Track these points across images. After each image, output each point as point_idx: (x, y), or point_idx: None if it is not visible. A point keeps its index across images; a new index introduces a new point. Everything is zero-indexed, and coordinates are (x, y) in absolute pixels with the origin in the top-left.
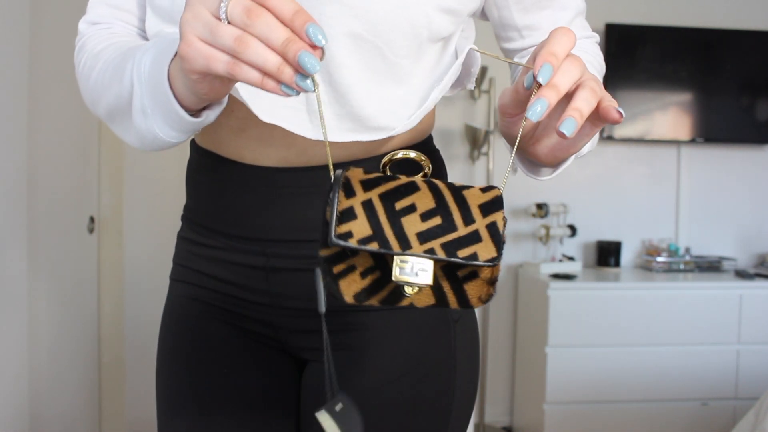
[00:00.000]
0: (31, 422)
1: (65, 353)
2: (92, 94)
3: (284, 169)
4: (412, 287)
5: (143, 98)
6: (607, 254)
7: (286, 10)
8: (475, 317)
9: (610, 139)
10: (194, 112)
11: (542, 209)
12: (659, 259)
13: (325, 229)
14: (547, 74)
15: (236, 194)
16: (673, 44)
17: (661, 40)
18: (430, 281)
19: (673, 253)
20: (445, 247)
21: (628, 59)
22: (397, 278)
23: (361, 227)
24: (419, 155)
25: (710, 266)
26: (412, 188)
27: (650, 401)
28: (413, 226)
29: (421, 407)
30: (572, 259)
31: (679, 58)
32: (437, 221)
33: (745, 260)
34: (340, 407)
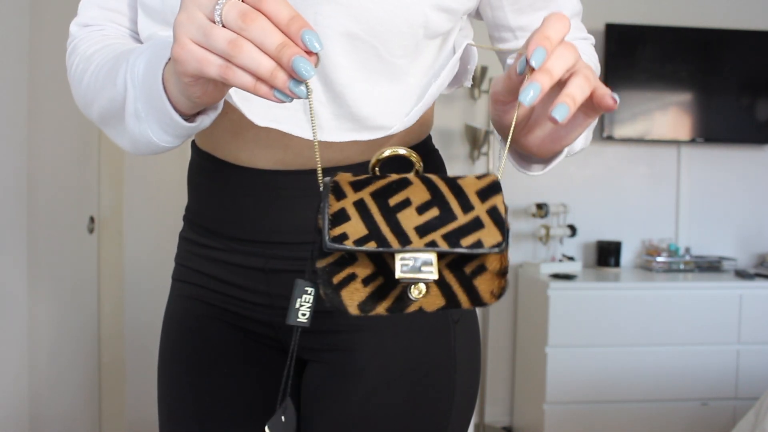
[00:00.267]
0: (31, 422)
1: (65, 353)
2: (84, 97)
3: (282, 171)
4: (418, 289)
5: (137, 102)
6: (607, 254)
7: (282, 15)
8: (476, 318)
9: (610, 139)
10: (189, 116)
11: (542, 209)
12: (659, 259)
13: (318, 237)
14: (540, 58)
15: (235, 197)
16: (673, 44)
17: (661, 40)
18: (435, 276)
19: (673, 253)
20: (446, 237)
21: (628, 59)
22: (400, 276)
23: (355, 228)
24: (409, 152)
25: (710, 266)
26: (404, 183)
27: (650, 401)
28: (410, 220)
29: (420, 408)
30: (572, 259)
31: (679, 58)
32: (435, 212)
33: (745, 260)
34: (284, 419)
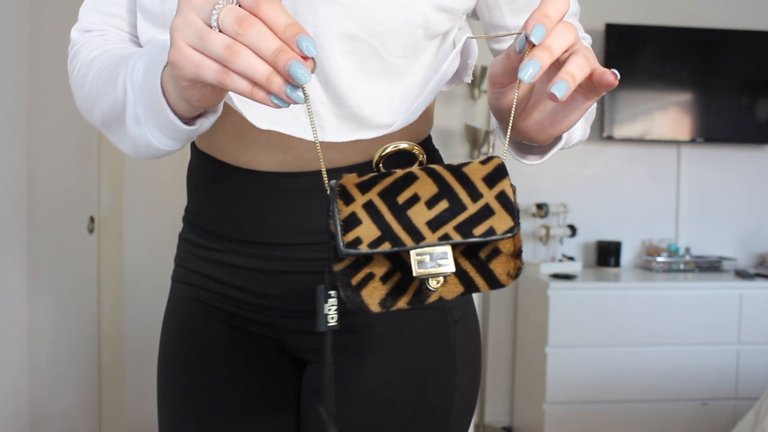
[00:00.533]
0: (31, 422)
1: (65, 353)
2: (86, 102)
3: (282, 174)
4: (436, 280)
5: (137, 106)
6: (607, 254)
7: (278, 20)
8: (476, 318)
9: (610, 139)
10: (188, 120)
11: (542, 209)
12: (659, 259)
13: (332, 242)
14: (539, 34)
15: (234, 199)
16: (673, 44)
17: (661, 40)
18: (452, 268)
19: (673, 253)
20: (459, 229)
21: (628, 59)
22: (418, 273)
23: (368, 230)
24: (411, 145)
25: (710, 266)
26: (410, 179)
27: (650, 401)
28: (421, 216)
29: (420, 409)
30: (572, 259)
31: (679, 58)
32: (444, 205)
33: (745, 260)
34: None
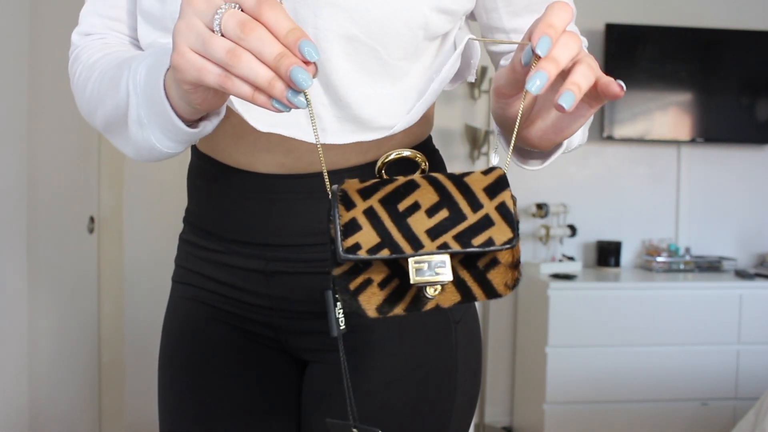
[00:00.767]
0: (31, 422)
1: (65, 353)
2: (88, 105)
3: (282, 175)
4: (434, 287)
5: (139, 108)
6: (607, 254)
7: (280, 25)
8: (477, 318)
9: (610, 139)
10: (191, 122)
11: (542, 209)
12: (659, 259)
13: (332, 246)
14: (545, 46)
15: (235, 200)
16: (673, 44)
17: (661, 40)
18: (450, 277)
19: (673, 253)
20: (458, 238)
21: (628, 59)
22: (415, 281)
23: (367, 237)
24: (414, 152)
25: (710, 266)
26: (412, 186)
27: (650, 401)
28: (421, 224)
29: (421, 409)
30: (572, 259)
31: (679, 58)
32: (444, 214)
33: (745, 260)
34: None
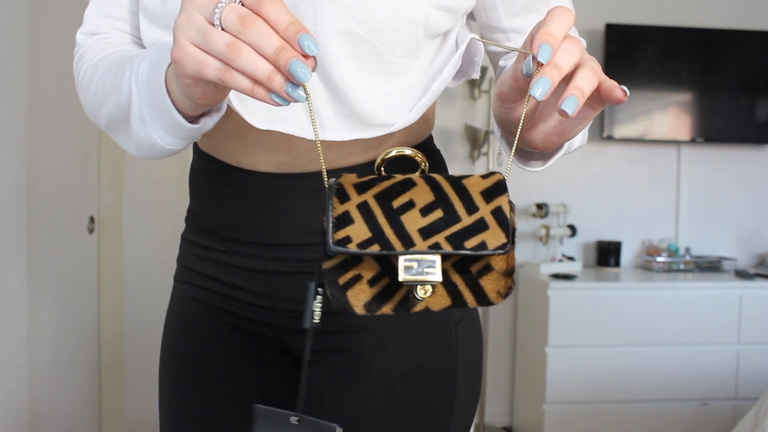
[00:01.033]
0: (31, 422)
1: (65, 353)
2: (92, 104)
3: (283, 175)
4: (424, 289)
5: (141, 105)
6: (607, 254)
7: (280, 19)
8: (478, 319)
9: (610, 139)
10: (192, 118)
11: (542, 209)
12: (659, 259)
13: (323, 239)
14: (546, 54)
15: (236, 200)
16: (673, 44)
17: (661, 40)
18: (439, 278)
19: (673, 253)
20: (450, 239)
21: (628, 59)
22: (404, 279)
23: (359, 231)
24: (415, 152)
25: (710, 266)
26: (408, 185)
27: (650, 401)
28: (414, 222)
29: (421, 409)
30: (572, 259)
31: (679, 58)
32: (439, 214)
33: (745, 260)
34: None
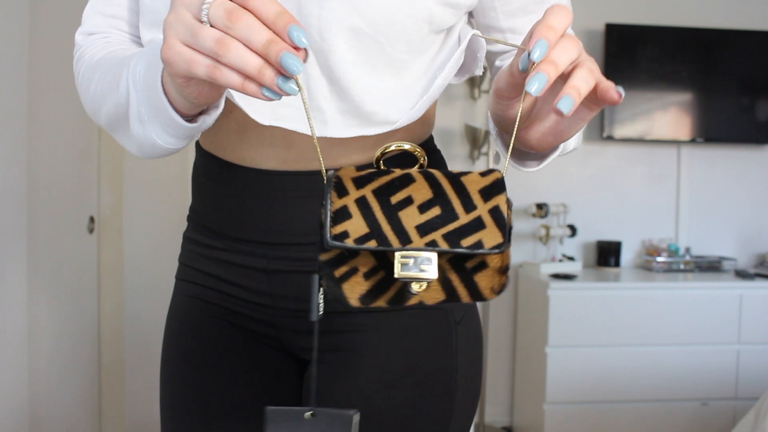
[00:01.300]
0: (31, 422)
1: (65, 353)
2: (92, 103)
3: (285, 172)
4: (419, 284)
5: (139, 105)
6: (607, 254)
7: (268, 11)
8: (478, 319)
9: (610, 139)
10: (190, 117)
11: (542, 209)
12: (659, 259)
13: (321, 232)
14: (543, 49)
15: (238, 198)
16: (673, 44)
17: (661, 40)
18: (435, 275)
19: (673, 253)
20: (447, 237)
21: (628, 59)
22: (400, 275)
23: (356, 226)
24: (414, 146)
25: (710, 266)
26: (407, 180)
27: (650, 401)
28: (411, 219)
29: (421, 409)
30: (572, 259)
31: (679, 58)
32: (437, 212)
33: (745, 260)
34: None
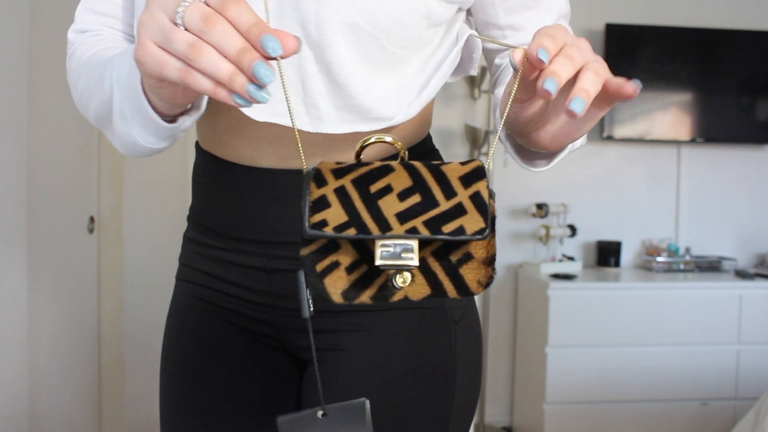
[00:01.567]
0: (31, 422)
1: (65, 353)
2: (81, 100)
3: (283, 171)
4: (403, 277)
5: (122, 103)
6: (607, 254)
7: (243, 20)
8: (477, 319)
9: (610, 139)
10: (171, 117)
11: (542, 209)
12: (659, 259)
13: (301, 222)
14: (545, 54)
15: (237, 197)
16: (673, 44)
17: (661, 40)
18: (416, 263)
19: (673, 253)
20: (428, 224)
21: (628, 59)
22: (380, 263)
23: (335, 214)
24: (395, 139)
25: (710, 266)
26: (386, 170)
27: (650, 401)
28: (391, 207)
29: (420, 409)
30: (572, 259)
31: (679, 58)
32: (416, 199)
33: (745, 260)
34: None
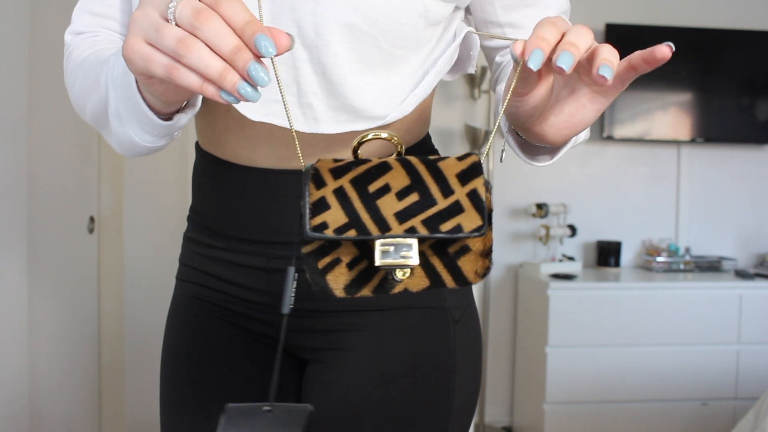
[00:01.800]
0: (31, 422)
1: (65, 353)
2: (78, 101)
3: (282, 171)
4: (402, 271)
5: (117, 103)
6: (607, 254)
7: (237, 18)
8: (477, 318)
9: (610, 139)
10: (166, 115)
11: (542, 209)
12: (659, 259)
13: (301, 223)
14: (538, 60)
15: (237, 197)
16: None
17: (661, 40)
18: (416, 261)
19: (673, 253)
20: (426, 223)
21: None
22: (381, 263)
23: (335, 216)
24: (391, 135)
25: (710, 266)
26: (384, 168)
27: (650, 401)
28: (390, 206)
29: (419, 409)
30: (572, 259)
31: (679, 58)
32: (414, 198)
33: (745, 260)
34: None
